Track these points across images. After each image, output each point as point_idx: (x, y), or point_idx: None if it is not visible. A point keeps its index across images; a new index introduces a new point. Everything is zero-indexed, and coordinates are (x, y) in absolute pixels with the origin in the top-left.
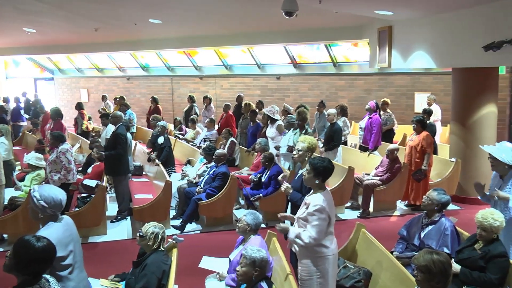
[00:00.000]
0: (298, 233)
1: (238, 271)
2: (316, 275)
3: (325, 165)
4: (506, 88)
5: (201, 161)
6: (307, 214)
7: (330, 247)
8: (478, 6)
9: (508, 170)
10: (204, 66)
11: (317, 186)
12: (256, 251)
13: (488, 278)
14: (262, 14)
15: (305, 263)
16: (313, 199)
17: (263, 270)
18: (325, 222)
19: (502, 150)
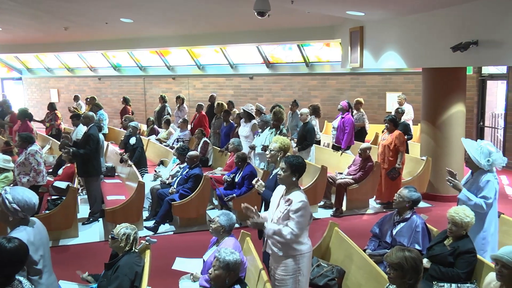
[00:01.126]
0: (277, 230)
1: (211, 274)
2: (296, 274)
3: (300, 162)
4: (474, 88)
5: (174, 162)
6: (289, 210)
7: (307, 244)
8: (446, 8)
9: (478, 170)
10: (177, 66)
11: (293, 184)
12: (230, 253)
13: (456, 273)
14: (234, 14)
15: (284, 263)
16: (295, 196)
17: (236, 272)
18: (307, 218)
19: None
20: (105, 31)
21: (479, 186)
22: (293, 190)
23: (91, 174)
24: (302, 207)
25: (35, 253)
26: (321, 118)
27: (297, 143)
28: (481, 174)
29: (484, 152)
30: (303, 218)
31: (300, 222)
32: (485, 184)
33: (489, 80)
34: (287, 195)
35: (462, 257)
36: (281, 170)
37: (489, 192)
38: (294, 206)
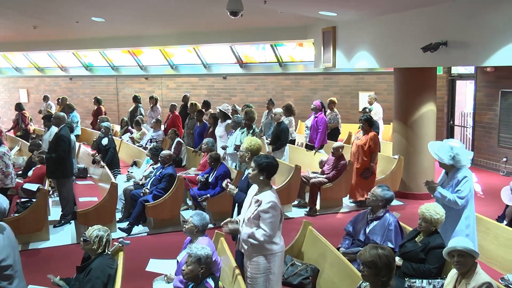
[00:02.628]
0: (250, 233)
1: (184, 270)
2: (266, 273)
3: (269, 161)
4: (444, 88)
5: (147, 162)
6: (259, 211)
7: (279, 244)
8: (417, 9)
9: (452, 168)
10: (150, 66)
11: (262, 183)
12: (201, 248)
13: (427, 269)
14: (207, 13)
15: (256, 261)
16: (264, 197)
17: (209, 266)
18: (278, 218)
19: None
20: (76, 30)
21: (455, 182)
22: (264, 190)
23: (63, 175)
24: (272, 207)
25: (4, 259)
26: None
27: (271, 142)
28: (456, 172)
29: (445, 149)
30: (274, 218)
31: (271, 223)
32: (462, 180)
33: (458, 80)
34: (257, 195)
35: (432, 253)
36: (251, 169)
37: (463, 187)
38: (264, 207)
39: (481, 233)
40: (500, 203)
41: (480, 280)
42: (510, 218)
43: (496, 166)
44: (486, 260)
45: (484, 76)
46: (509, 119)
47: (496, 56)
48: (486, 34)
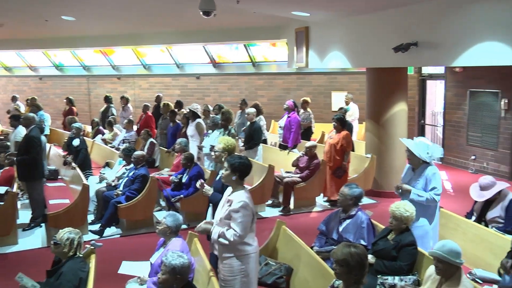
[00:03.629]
0: (221, 233)
1: (159, 278)
2: (240, 275)
3: (242, 162)
4: (415, 87)
5: (120, 163)
6: (230, 211)
7: (253, 245)
8: (388, 10)
9: (421, 165)
10: (122, 65)
11: (235, 183)
12: (176, 257)
13: (399, 266)
14: (180, 13)
15: (229, 263)
16: (236, 196)
17: (184, 276)
18: (249, 218)
19: (419, 146)
20: (45, 29)
21: (427, 179)
22: (237, 190)
23: (33, 177)
24: (242, 206)
25: None
26: (268, 118)
27: (244, 142)
28: (424, 168)
29: (423, 146)
30: (245, 218)
31: (242, 223)
32: (432, 176)
33: (429, 80)
34: (230, 196)
35: (404, 250)
36: (224, 169)
37: (437, 183)
38: (234, 207)
39: (451, 230)
40: (469, 200)
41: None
42: (478, 214)
43: (465, 164)
44: None
45: (453, 76)
46: (477, 118)
47: (464, 57)
48: (455, 35)
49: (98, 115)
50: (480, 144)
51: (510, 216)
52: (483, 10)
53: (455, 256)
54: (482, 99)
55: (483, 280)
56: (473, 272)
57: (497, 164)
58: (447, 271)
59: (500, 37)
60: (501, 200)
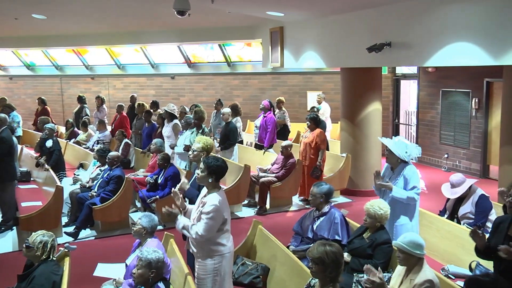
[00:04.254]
0: (186, 225)
1: (134, 273)
2: (213, 273)
3: (219, 164)
4: (389, 87)
5: (94, 164)
6: (201, 212)
7: (227, 245)
8: (362, 11)
9: (399, 164)
10: (96, 65)
11: (211, 185)
12: (152, 252)
13: (374, 264)
14: (154, 12)
15: (203, 262)
16: (209, 199)
17: (160, 271)
18: (216, 222)
19: (398, 145)
20: (15, 27)
21: (406, 178)
22: (212, 191)
23: (3, 179)
24: (213, 211)
25: None
26: (243, 118)
27: (220, 142)
28: (403, 167)
29: (401, 145)
30: (212, 221)
31: (208, 225)
32: (411, 175)
33: (403, 80)
34: (205, 197)
35: (379, 248)
36: (200, 170)
37: (416, 182)
38: (206, 209)
39: (425, 227)
40: (442, 197)
41: (423, 277)
42: (450, 211)
43: (439, 162)
44: (428, 253)
45: (426, 76)
46: (449, 117)
47: (436, 57)
48: (427, 36)
49: (71, 116)
50: (452, 143)
51: (480, 211)
52: (454, 12)
53: (415, 247)
54: (454, 98)
55: (456, 275)
56: (446, 268)
57: (469, 162)
58: (408, 261)
59: (470, 38)
60: (471, 196)
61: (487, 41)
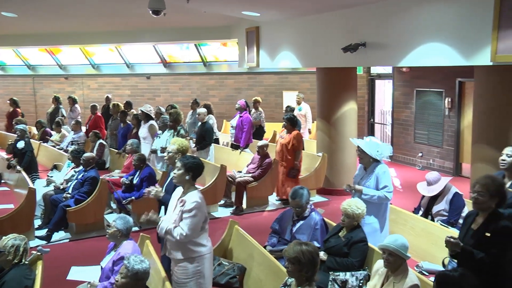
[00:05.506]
0: (168, 229)
1: (117, 281)
2: (195, 276)
3: (195, 161)
4: (364, 87)
5: (68, 166)
6: (182, 211)
7: (207, 246)
8: (337, 11)
9: (372, 163)
10: (69, 65)
11: (188, 183)
12: (139, 262)
13: (350, 262)
14: (129, 11)
15: (183, 265)
16: (189, 197)
17: (144, 282)
18: (200, 219)
19: (369, 145)
20: None
21: (377, 177)
22: (189, 190)
23: None
24: (195, 207)
25: None
26: (219, 118)
27: (196, 142)
28: (375, 167)
29: (373, 144)
30: (195, 219)
31: (192, 223)
32: (382, 174)
33: (378, 80)
34: (183, 196)
35: (355, 247)
36: (176, 169)
37: (388, 181)
38: (187, 207)
39: (399, 225)
40: (417, 195)
41: (409, 282)
42: (425, 209)
43: (413, 161)
44: None
45: (401, 76)
46: (423, 117)
47: (410, 57)
48: (401, 36)
49: (45, 116)
50: (426, 142)
51: (454, 208)
52: (427, 13)
53: (405, 250)
54: (428, 98)
55: (429, 272)
56: (420, 265)
57: (442, 161)
58: (395, 264)
59: (443, 39)
60: (446, 194)
61: (459, 42)
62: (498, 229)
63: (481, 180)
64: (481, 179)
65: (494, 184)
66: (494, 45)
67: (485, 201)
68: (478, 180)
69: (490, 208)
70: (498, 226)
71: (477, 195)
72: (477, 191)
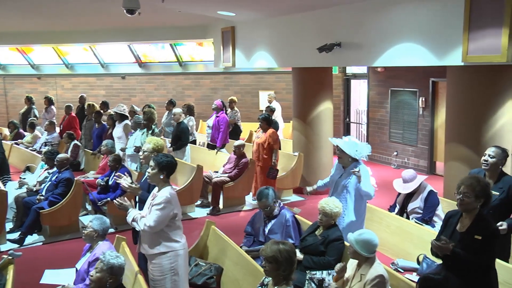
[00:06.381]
0: (136, 217)
1: (92, 276)
2: (170, 273)
3: (168, 160)
4: (340, 87)
5: (42, 167)
6: (152, 204)
7: (181, 242)
8: (312, 11)
9: (351, 163)
10: (42, 64)
11: (162, 181)
12: (115, 257)
13: (327, 261)
14: (103, 10)
15: (158, 263)
16: (161, 192)
17: (119, 277)
18: (166, 214)
19: (349, 144)
20: None
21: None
22: (163, 187)
23: None
24: (164, 201)
25: None
26: (196, 118)
27: (172, 143)
28: (354, 167)
29: (352, 144)
30: (162, 212)
31: (158, 215)
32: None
33: (353, 79)
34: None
35: (331, 245)
36: (150, 168)
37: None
38: (156, 201)
39: (375, 223)
40: (392, 194)
41: (374, 273)
42: (400, 206)
43: (388, 159)
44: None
45: (376, 75)
46: (398, 116)
47: (384, 57)
48: (375, 36)
49: (17, 117)
50: (401, 141)
51: (428, 206)
52: (401, 14)
53: (363, 247)
54: (402, 97)
55: (404, 269)
56: (395, 262)
57: (417, 159)
58: (358, 256)
59: (416, 39)
60: (421, 192)
61: (432, 42)
62: (489, 232)
63: (466, 181)
64: (466, 180)
65: (480, 185)
66: (465, 46)
67: (470, 202)
68: (463, 181)
69: (475, 209)
70: (489, 229)
71: (463, 196)
72: (462, 192)
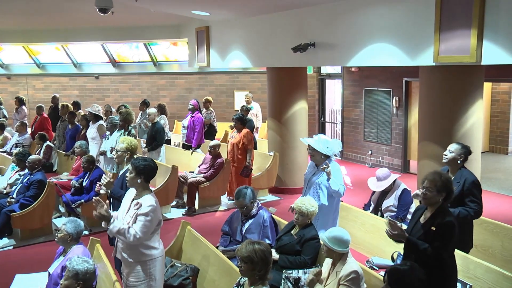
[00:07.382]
0: (121, 229)
1: (61, 284)
2: (147, 279)
3: (146, 164)
4: (314, 86)
5: (13, 169)
6: (138, 214)
7: (159, 248)
8: (286, 11)
9: (323, 160)
10: (12, 64)
11: (140, 186)
12: (81, 262)
13: (302, 260)
14: (76, 9)
15: (136, 269)
16: (145, 200)
17: (88, 283)
18: (153, 223)
19: (319, 142)
20: None
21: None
22: (144, 193)
23: None
24: (151, 211)
25: None
26: (171, 118)
27: (147, 143)
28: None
29: (323, 141)
30: (150, 223)
31: (146, 226)
32: (335, 172)
33: (328, 79)
34: (137, 199)
35: (307, 244)
36: (129, 171)
37: (339, 178)
38: (143, 210)
39: (350, 221)
40: (367, 192)
41: (348, 269)
42: (375, 204)
43: (363, 158)
44: (354, 246)
45: (350, 75)
46: (372, 115)
47: (358, 57)
48: (349, 37)
49: None
50: (375, 140)
51: (402, 204)
52: (375, 14)
53: (336, 243)
54: (376, 97)
55: (379, 266)
56: (371, 260)
57: (391, 158)
58: (331, 254)
59: (389, 39)
60: (395, 190)
61: (405, 43)
62: (443, 223)
63: (429, 176)
64: (429, 175)
65: (441, 180)
66: (437, 46)
67: (432, 196)
68: (426, 176)
69: (437, 203)
70: (443, 220)
71: (425, 190)
72: (425, 186)
